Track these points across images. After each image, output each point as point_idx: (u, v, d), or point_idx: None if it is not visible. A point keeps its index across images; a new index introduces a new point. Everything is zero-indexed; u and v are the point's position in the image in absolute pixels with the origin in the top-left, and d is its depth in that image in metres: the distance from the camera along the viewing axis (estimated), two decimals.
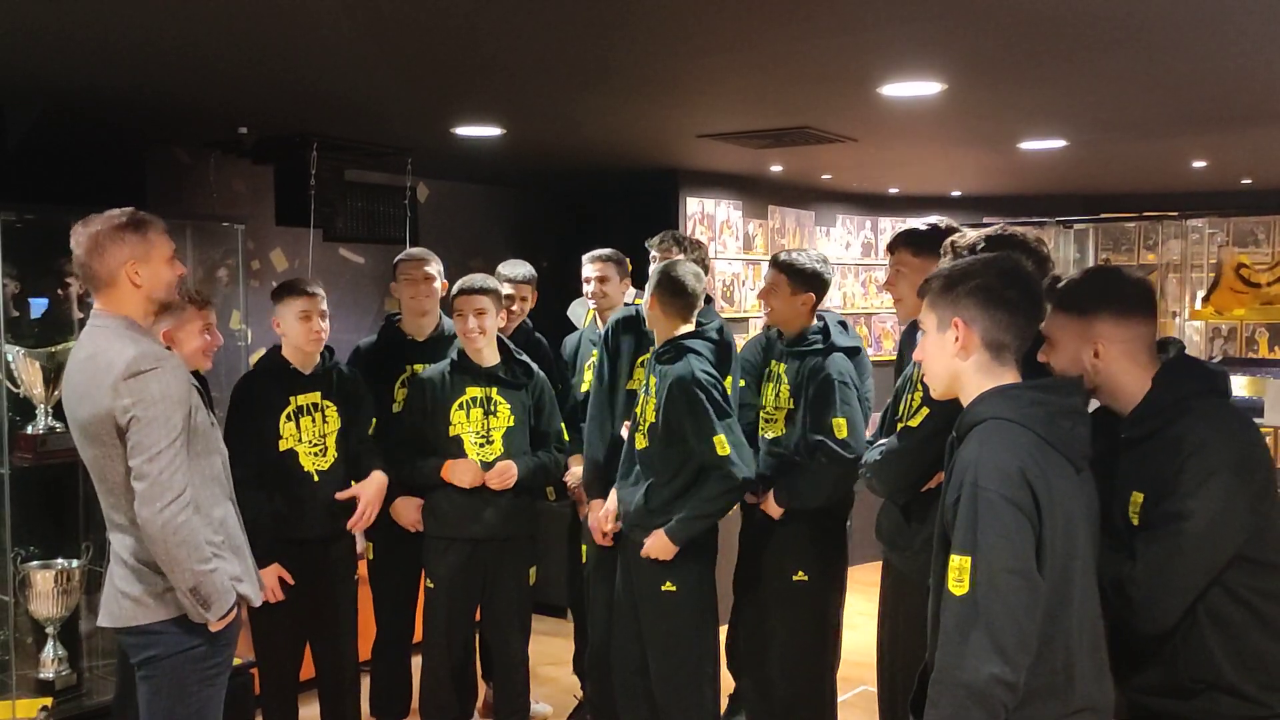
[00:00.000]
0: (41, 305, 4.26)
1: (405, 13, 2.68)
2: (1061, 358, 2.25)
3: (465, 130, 4.45)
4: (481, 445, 3.68)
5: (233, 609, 2.66)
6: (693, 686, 3.47)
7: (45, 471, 3.87)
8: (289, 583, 3.48)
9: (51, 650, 3.79)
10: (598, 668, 3.85)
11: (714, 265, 6.48)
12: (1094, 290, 2.25)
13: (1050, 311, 2.28)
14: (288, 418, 3.55)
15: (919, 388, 2.85)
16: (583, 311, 4.92)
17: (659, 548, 3.39)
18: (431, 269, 3.94)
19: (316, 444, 3.58)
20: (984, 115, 4.30)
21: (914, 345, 3.30)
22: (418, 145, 4.92)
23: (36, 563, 3.78)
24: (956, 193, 7.64)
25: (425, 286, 3.93)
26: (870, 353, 4.96)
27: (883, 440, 2.99)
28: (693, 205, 6.34)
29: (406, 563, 3.86)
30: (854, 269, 7.63)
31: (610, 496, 3.65)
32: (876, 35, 2.92)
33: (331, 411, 3.63)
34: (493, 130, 4.47)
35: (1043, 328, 2.27)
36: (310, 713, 3.80)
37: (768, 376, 3.78)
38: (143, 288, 2.61)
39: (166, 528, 2.49)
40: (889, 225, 7.77)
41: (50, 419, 3.79)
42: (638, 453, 3.51)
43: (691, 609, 3.46)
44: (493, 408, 3.71)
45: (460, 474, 3.62)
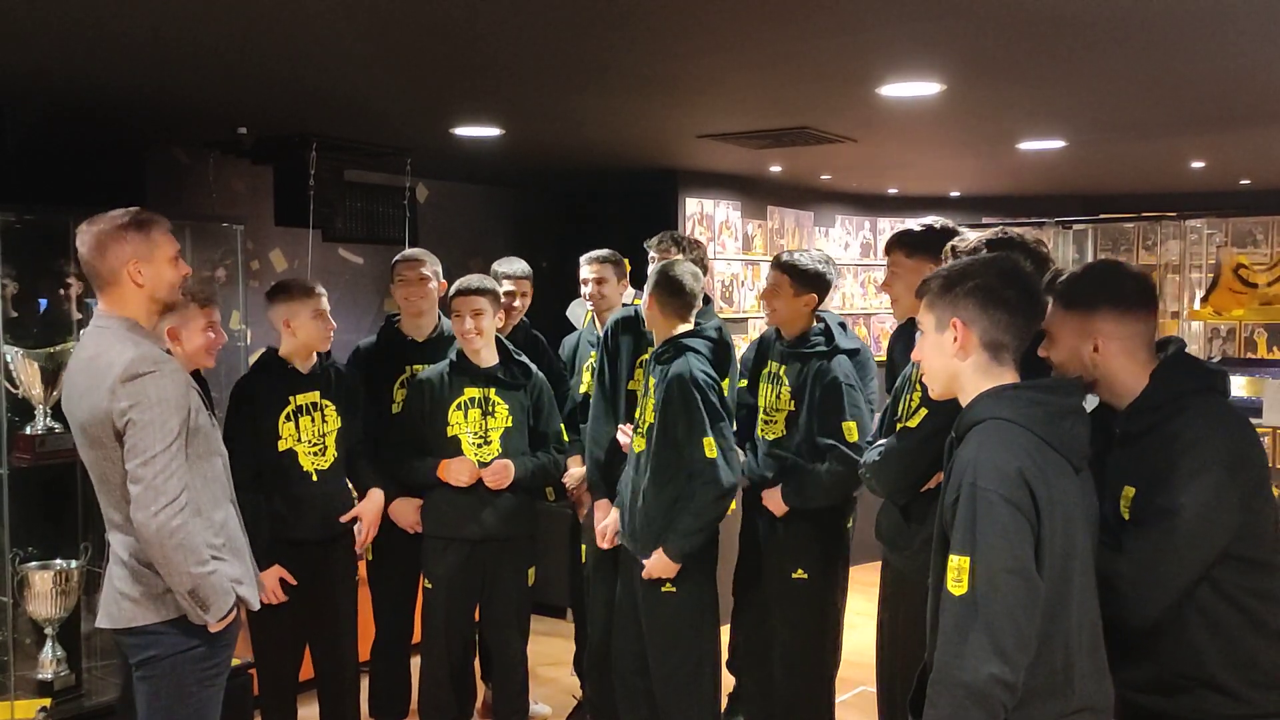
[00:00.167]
0: (42, 305, 4.26)
1: (405, 12, 2.68)
2: (1061, 352, 2.25)
3: (464, 130, 4.45)
4: (479, 446, 3.68)
5: (232, 610, 2.65)
6: (693, 687, 3.47)
7: (44, 472, 3.86)
8: (291, 584, 3.48)
9: (50, 651, 3.78)
10: (597, 667, 3.85)
11: (713, 266, 6.49)
12: (1095, 285, 2.25)
13: (1051, 306, 2.28)
14: (287, 417, 3.55)
15: (917, 388, 2.85)
16: (581, 312, 4.92)
17: (661, 567, 3.38)
18: (427, 270, 3.93)
19: (316, 443, 3.58)
20: (983, 115, 4.30)
21: (902, 346, 3.35)
22: (417, 145, 4.92)
23: (35, 563, 3.77)
24: (955, 193, 7.65)
25: (420, 288, 3.92)
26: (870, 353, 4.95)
27: (881, 440, 2.99)
28: (692, 206, 6.34)
29: (406, 563, 3.86)
30: (853, 269, 7.63)
31: (612, 514, 3.65)
32: (876, 35, 2.92)
33: (330, 411, 3.63)
34: (492, 130, 4.47)
35: (1043, 322, 2.27)
36: (309, 713, 3.80)
37: (765, 377, 3.77)
38: (145, 287, 2.61)
39: (162, 531, 2.49)
40: (888, 226, 7.77)
41: (49, 420, 3.78)
42: (637, 454, 3.51)
43: (692, 609, 3.45)
44: (491, 408, 3.70)
45: (456, 473, 3.62)
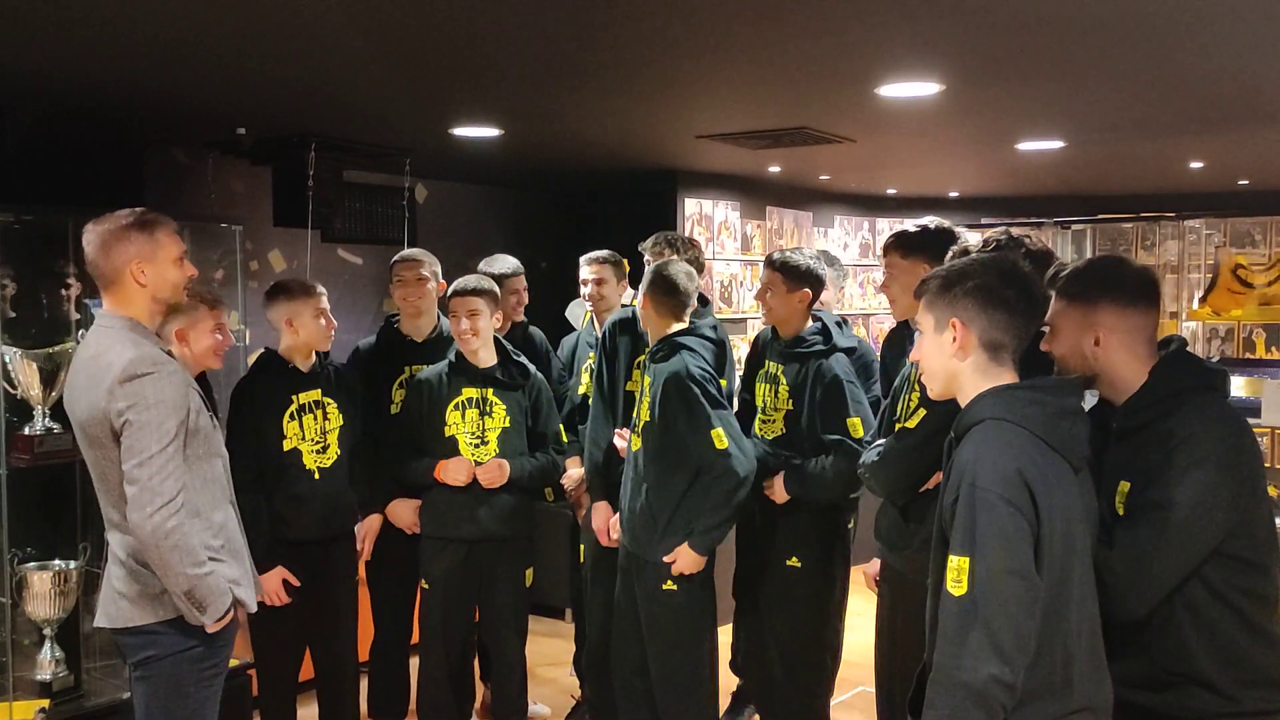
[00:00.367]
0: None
1: (404, 13, 2.68)
2: (1062, 345, 2.26)
3: (464, 131, 4.45)
4: (476, 446, 3.68)
5: (229, 611, 2.65)
6: (692, 687, 3.47)
7: (43, 472, 3.86)
8: (294, 585, 3.49)
9: (49, 651, 3.77)
10: (596, 668, 3.85)
11: (712, 266, 6.49)
12: (1097, 278, 2.25)
13: (1053, 299, 2.28)
14: (290, 416, 3.55)
15: (916, 388, 2.85)
16: (580, 313, 4.92)
17: (689, 562, 3.38)
18: (426, 270, 3.92)
19: (318, 441, 3.59)
20: (982, 116, 4.30)
21: (895, 349, 3.37)
22: (416, 146, 4.92)
23: (34, 564, 3.77)
24: (954, 193, 7.65)
25: (418, 288, 3.92)
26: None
27: (880, 441, 2.99)
28: (691, 206, 6.35)
29: (404, 564, 3.86)
30: (852, 270, 7.64)
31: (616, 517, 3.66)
32: (875, 35, 2.92)
33: (332, 408, 3.63)
34: (491, 131, 4.47)
35: (1046, 316, 2.27)
36: (308, 713, 3.80)
37: (763, 376, 3.78)
38: (148, 287, 2.61)
39: (157, 533, 2.50)
40: (887, 226, 7.77)
41: (48, 420, 3.78)
42: (634, 454, 3.51)
43: (691, 609, 3.45)
44: (488, 408, 3.70)
45: (452, 472, 3.62)
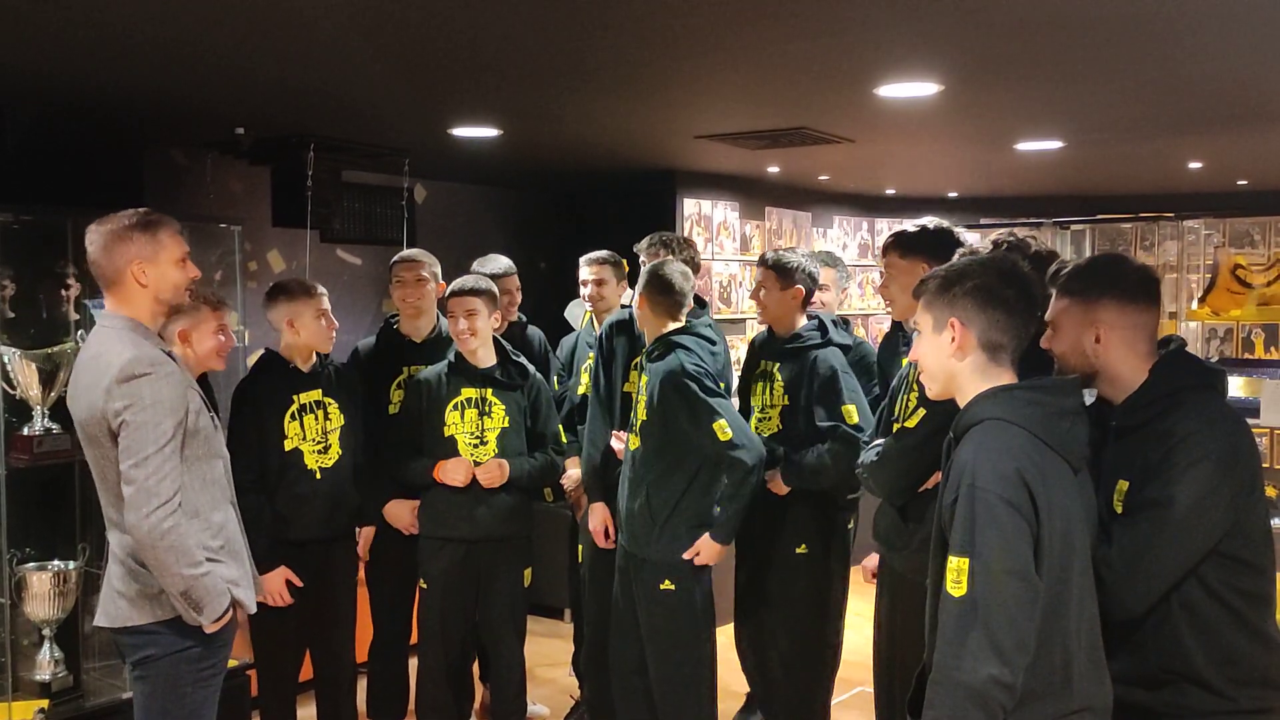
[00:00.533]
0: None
1: (403, 13, 2.68)
2: (1063, 343, 2.26)
3: (463, 131, 4.45)
4: (475, 446, 3.68)
5: (227, 611, 2.65)
6: (691, 686, 3.47)
7: (42, 473, 3.85)
8: (297, 585, 3.49)
9: (48, 652, 3.77)
10: (593, 667, 3.86)
11: (711, 266, 6.49)
12: (1098, 275, 2.26)
13: (1054, 297, 2.29)
14: (292, 416, 3.55)
15: (914, 388, 2.85)
16: (580, 313, 4.92)
17: (712, 553, 3.41)
18: (425, 271, 3.93)
19: (319, 441, 3.59)
20: (980, 116, 4.30)
21: (889, 351, 3.39)
22: (415, 146, 4.92)
23: (33, 564, 3.77)
24: (953, 194, 7.65)
25: (417, 289, 3.92)
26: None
27: (878, 441, 2.99)
28: (690, 206, 6.35)
29: (403, 564, 3.86)
30: (851, 270, 7.64)
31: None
32: (873, 35, 2.92)
33: (334, 408, 3.64)
34: (490, 131, 4.47)
35: (1047, 314, 2.28)
36: (308, 713, 3.80)
37: (759, 375, 3.80)
38: (149, 288, 2.62)
39: (153, 533, 2.50)
40: (885, 226, 7.78)
41: (47, 420, 3.78)
42: (632, 454, 3.51)
43: (690, 608, 3.45)
44: (487, 409, 3.70)
45: (451, 473, 3.62)
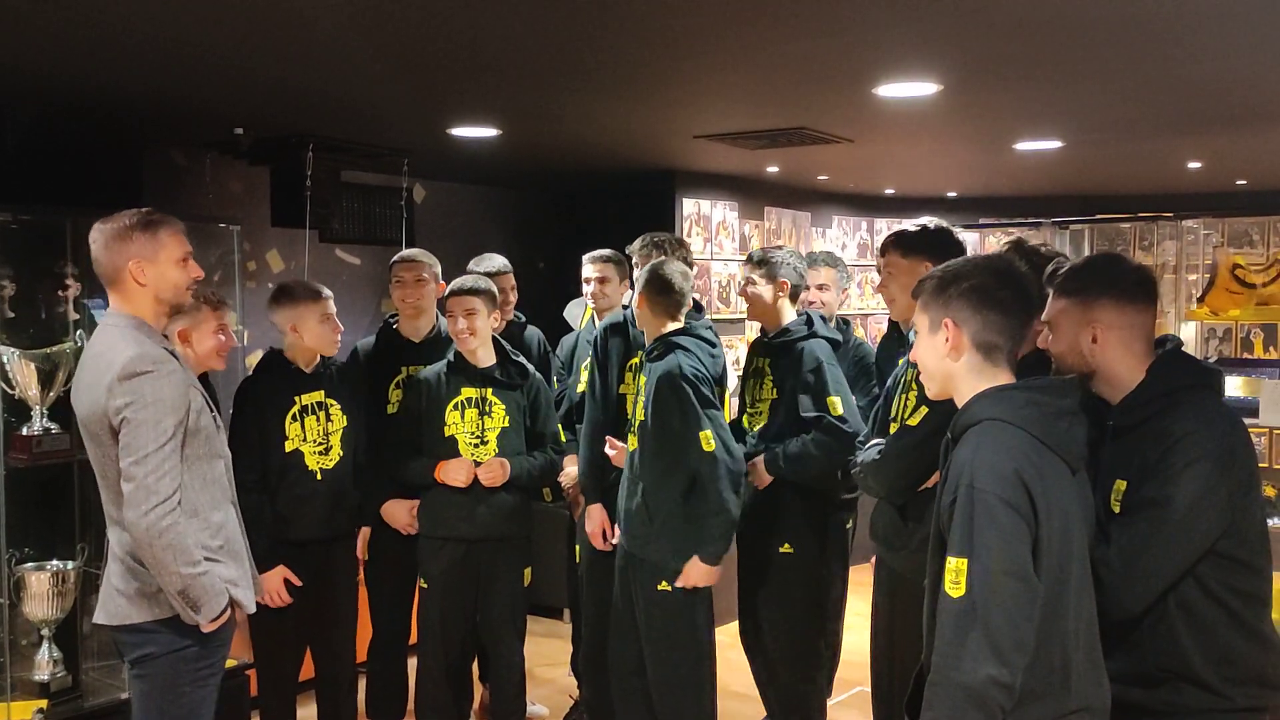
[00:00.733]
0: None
1: (402, 13, 2.68)
2: (1060, 342, 2.27)
3: (462, 131, 4.45)
4: (476, 446, 3.68)
5: (225, 611, 2.65)
6: (690, 687, 3.47)
7: (41, 473, 3.85)
8: (295, 584, 3.49)
9: (47, 652, 3.77)
10: (591, 667, 3.86)
11: (710, 267, 6.49)
12: (1095, 275, 2.27)
13: (1052, 296, 2.29)
14: (293, 418, 3.55)
15: (913, 387, 2.86)
16: (579, 312, 4.92)
17: (701, 575, 3.36)
18: (425, 271, 3.93)
19: (320, 442, 3.59)
20: (979, 116, 4.31)
21: (885, 352, 3.39)
22: (414, 146, 4.92)
23: (31, 564, 3.77)
24: (952, 193, 7.65)
25: (417, 289, 3.92)
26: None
27: (876, 440, 2.99)
28: (689, 206, 6.35)
29: (402, 564, 3.86)
30: (850, 270, 7.63)
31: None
32: (872, 35, 2.93)
33: (336, 410, 3.64)
34: (489, 131, 4.47)
35: (1044, 314, 2.28)
36: (307, 713, 3.80)
37: (753, 372, 3.84)
38: (148, 287, 2.62)
39: (151, 531, 2.50)
40: (885, 226, 7.78)
41: (46, 420, 3.78)
42: (631, 454, 3.51)
43: (688, 608, 3.45)
44: (488, 408, 3.71)
45: (453, 473, 3.62)
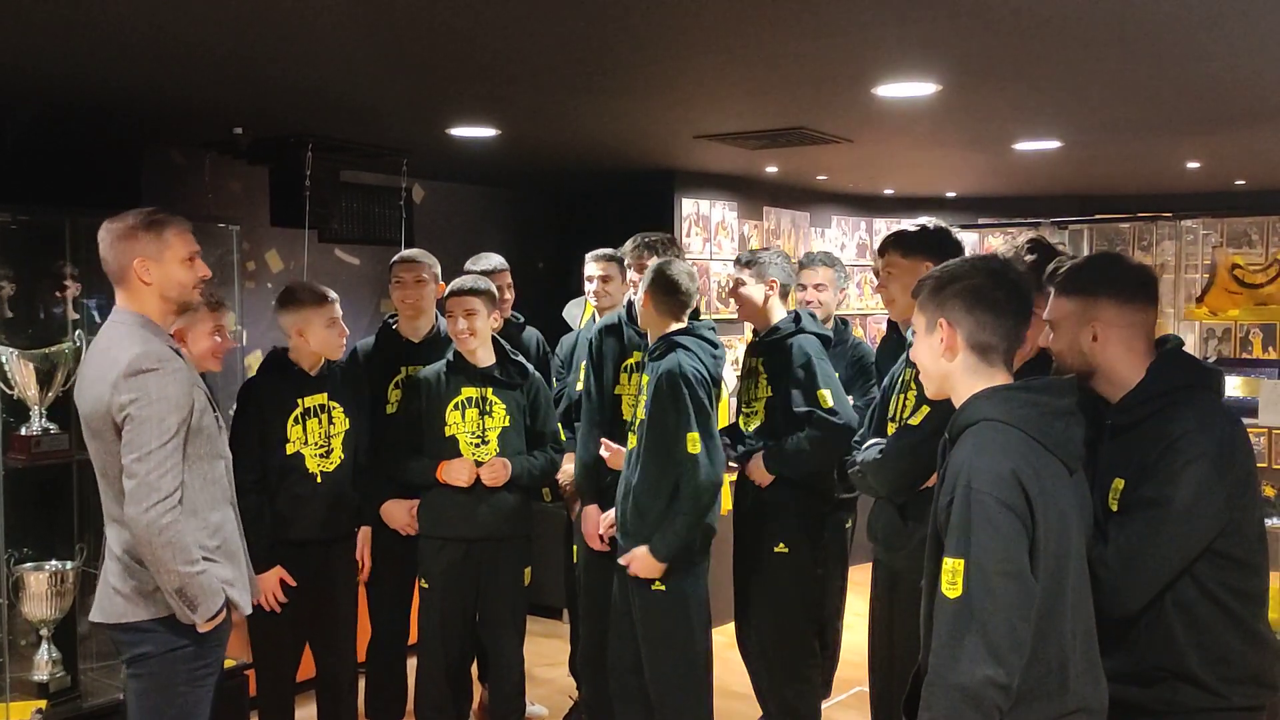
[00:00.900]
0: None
1: (401, 13, 2.68)
2: (1061, 341, 2.27)
3: (461, 131, 4.45)
4: (477, 445, 3.68)
5: (221, 611, 2.66)
6: (687, 687, 3.47)
7: (40, 473, 3.86)
8: (291, 585, 3.49)
9: (46, 652, 3.77)
10: (589, 667, 3.86)
11: (709, 267, 6.49)
12: (1096, 274, 2.27)
13: (1053, 295, 2.30)
14: (295, 420, 3.56)
15: (913, 387, 2.86)
16: (578, 312, 4.92)
17: (644, 566, 3.36)
18: (424, 271, 3.93)
19: (322, 445, 3.59)
20: (979, 116, 4.31)
21: (890, 353, 3.40)
22: (413, 146, 4.92)
23: (30, 564, 3.77)
24: (951, 194, 7.65)
25: (417, 289, 3.92)
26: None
27: (874, 439, 2.99)
28: (688, 206, 6.34)
29: (401, 564, 3.86)
30: (849, 270, 7.64)
31: (606, 515, 3.66)
32: (871, 36, 2.93)
33: (338, 413, 3.64)
34: (488, 131, 4.47)
35: (1045, 313, 2.29)
36: (307, 714, 3.80)
37: (749, 373, 3.85)
38: (153, 286, 2.64)
39: (151, 528, 2.51)
40: (884, 226, 7.77)
41: (44, 420, 3.78)
42: (630, 452, 3.52)
43: (684, 607, 3.45)
44: (488, 408, 3.71)
45: (455, 473, 3.63)
